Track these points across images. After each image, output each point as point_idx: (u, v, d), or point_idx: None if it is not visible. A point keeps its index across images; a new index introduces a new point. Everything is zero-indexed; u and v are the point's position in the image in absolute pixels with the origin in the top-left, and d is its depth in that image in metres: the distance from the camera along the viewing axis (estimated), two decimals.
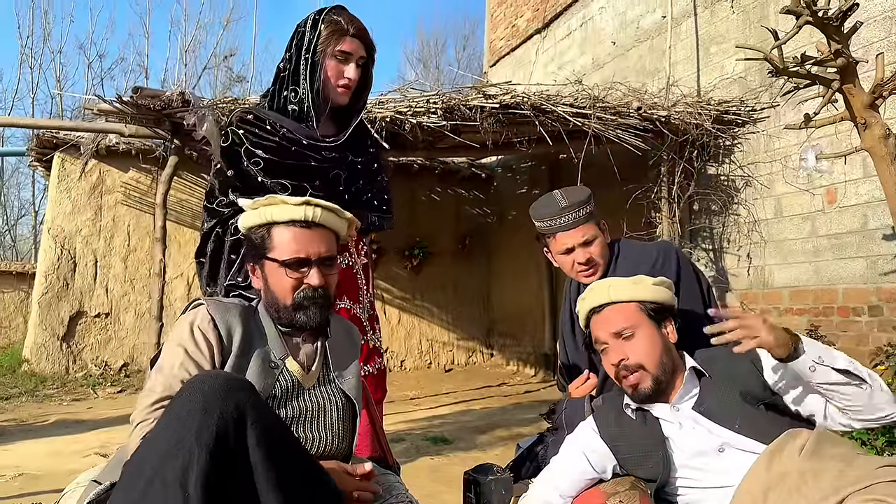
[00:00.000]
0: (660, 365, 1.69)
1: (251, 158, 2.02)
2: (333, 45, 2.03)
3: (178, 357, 1.42)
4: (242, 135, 2.03)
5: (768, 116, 5.16)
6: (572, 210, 2.08)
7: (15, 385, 7.11)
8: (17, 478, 3.82)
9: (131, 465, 1.14)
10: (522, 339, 8.84)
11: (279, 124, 2.05)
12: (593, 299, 1.80)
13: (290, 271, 1.54)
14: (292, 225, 1.54)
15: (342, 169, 2.14)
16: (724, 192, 5.55)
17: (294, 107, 2.06)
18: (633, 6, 6.96)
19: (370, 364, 2.16)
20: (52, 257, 7.66)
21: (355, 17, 2.09)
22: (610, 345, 1.73)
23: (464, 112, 4.90)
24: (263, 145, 2.03)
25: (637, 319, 1.73)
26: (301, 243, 1.54)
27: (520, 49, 9.23)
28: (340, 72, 2.05)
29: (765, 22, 5.15)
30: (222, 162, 2.05)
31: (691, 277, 2.09)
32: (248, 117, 2.06)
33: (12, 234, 21.64)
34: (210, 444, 1.09)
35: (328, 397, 1.59)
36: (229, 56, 20.20)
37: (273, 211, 1.55)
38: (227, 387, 1.18)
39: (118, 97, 4.65)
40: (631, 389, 1.69)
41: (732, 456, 1.55)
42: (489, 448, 4.55)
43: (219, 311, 1.50)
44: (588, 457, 1.69)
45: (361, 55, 2.07)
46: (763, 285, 5.23)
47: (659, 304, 1.77)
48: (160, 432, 1.13)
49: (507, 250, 9.22)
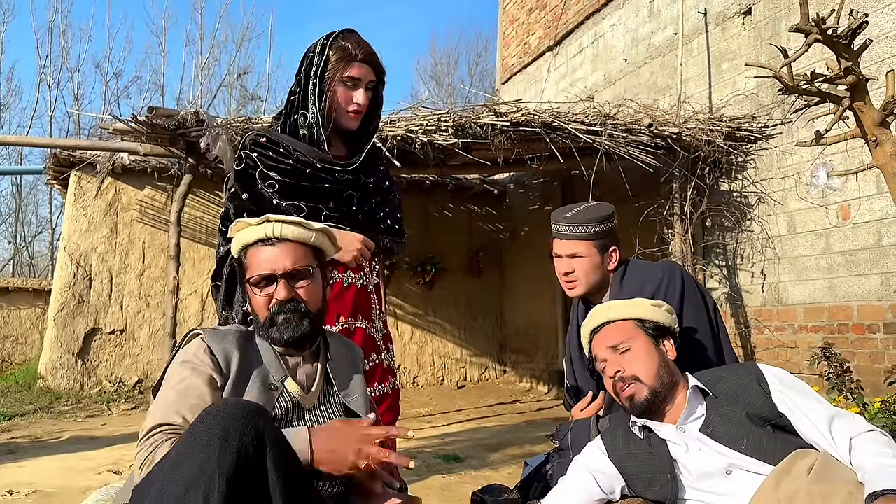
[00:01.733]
0: (657, 377, 1.71)
1: (266, 181, 2.04)
2: (342, 72, 2.04)
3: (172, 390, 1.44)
4: (256, 158, 2.05)
5: (781, 133, 5.15)
6: (575, 224, 2.13)
7: (30, 401, 7.16)
8: (31, 494, 3.84)
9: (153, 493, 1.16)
10: (535, 355, 8.82)
11: (292, 147, 2.07)
12: (593, 321, 1.85)
13: (257, 289, 1.58)
14: (259, 244, 1.59)
15: (355, 189, 2.15)
16: (737, 209, 5.53)
17: (304, 131, 2.08)
18: (644, 23, 6.98)
19: (384, 384, 2.15)
20: (67, 274, 7.74)
21: (364, 42, 2.10)
22: (608, 359, 1.77)
23: (475, 130, 4.93)
24: (278, 168, 2.04)
25: (633, 334, 1.77)
26: (267, 260, 1.58)
27: (532, 66, 9.28)
28: (350, 97, 2.06)
29: (777, 38, 5.16)
30: (237, 185, 2.06)
31: (696, 298, 2.10)
32: (261, 140, 2.07)
33: (30, 250, 21.90)
34: (230, 472, 1.11)
35: (329, 417, 1.60)
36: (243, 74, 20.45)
37: (242, 235, 1.60)
38: (245, 413, 1.20)
39: (134, 117, 4.72)
40: (628, 402, 1.72)
41: (740, 477, 1.55)
42: (501, 466, 4.52)
43: (215, 340, 1.53)
44: (596, 477, 1.69)
45: (371, 79, 2.08)
46: (777, 302, 5.19)
47: (657, 323, 1.81)
48: (181, 461, 1.15)
49: (519, 266, 9.22)
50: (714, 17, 5.97)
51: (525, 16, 9.50)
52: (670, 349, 1.79)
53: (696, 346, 1.88)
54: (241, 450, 1.13)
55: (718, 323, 2.12)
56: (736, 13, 5.70)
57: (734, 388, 1.69)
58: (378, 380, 2.10)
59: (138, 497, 1.20)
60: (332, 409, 1.62)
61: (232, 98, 20.00)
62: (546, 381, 8.45)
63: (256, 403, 1.28)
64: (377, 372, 2.11)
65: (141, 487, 1.22)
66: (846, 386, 3.63)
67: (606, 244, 2.16)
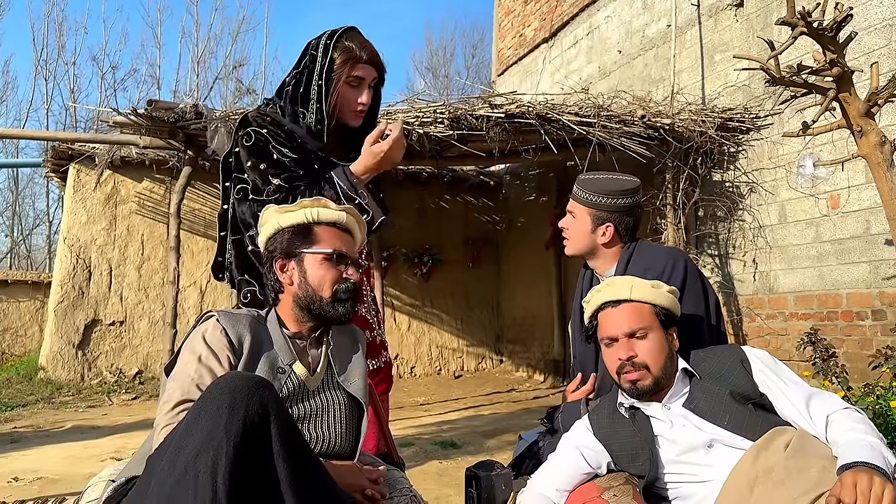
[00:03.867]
0: (663, 368, 1.76)
1: (280, 152, 2.09)
2: (347, 72, 2.10)
3: (192, 365, 1.51)
4: (266, 133, 2.09)
5: (772, 123, 5.22)
6: (581, 187, 2.24)
7: (31, 392, 7.23)
8: (36, 481, 3.92)
9: (163, 458, 1.23)
10: (532, 345, 8.90)
11: (295, 133, 2.13)
12: (612, 293, 1.84)
13: (333, 265, 1.66)
14: (332, 226, 1.70)
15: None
16: (729, 199, 5.61)
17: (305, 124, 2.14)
18: (638, 15, 7.04)
19: (377, 359, 2.23)
20: (67, 266, 7.80)
21: (367, 42, 2.15)
22: (621, 341, 1.79)
23: (470, 121, 4.99)
24: (288, 146, 2.11)
25: (651, 322, 1.79)
26: (343, 242, 1.71)
27: (527, 58, 9.32)
28: (355, 97, 2.13)
29: (768, 30, 5.22)
30: (252, 159, 2.08)
31: (697, 288, 2.13)
32: (267, 119, 2.12)
33: (27, 243, 21.91)
34: (237, 438, 1.18)
35: (332, 398, 1.67)
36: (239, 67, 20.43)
37: (319, 211, 1.70)
38: (251, 384, 1.27)
39: (133, 110, 4.77)
40: (629, 384, 1.75)
41: (720, 452, 1.62)
42: (497, 452, 4.61)
43: (229, 321, 1.59)
44: (583, 453, 1.76)
45: (374, 77, 2.15)
46: (768, 290, 5.28)
47: (669, 311, 1.84)
48: (191, 428, 1.21)
49: (515, 257, 9.30)
50: (707, 8, 6.03)
51: (521, 7, 9.54)
52: (675, 340, 1.84)
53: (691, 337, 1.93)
54: (247, 418, 1.20)
55: (718, 317, 2.15)
56: (728, 5, 5.76)
57: (718, 368, 1.77)
58: (371, 356, 2.17)
59: (151, 464, 1.27)
60: (335, 392, 1.69)
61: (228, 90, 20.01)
62: (542, 370, 8.54)
63: (261, 376, 1.35)
64: (372, 347, 2.18)
65: (153, 456, 1.29)
66: (831, 370, 3.71)
67: (603, 217, 2.20)
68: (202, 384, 1.45)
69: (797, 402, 1.65)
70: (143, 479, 1.29)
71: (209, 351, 1.53)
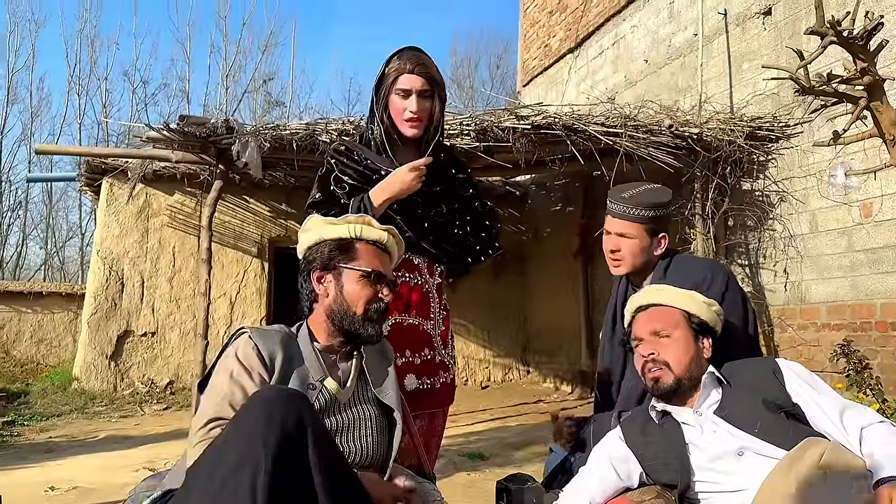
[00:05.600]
0: (686, 369, 1.78)
1: (338, 183, 2.25)
2: (395, 84, 2.21)
3: (224, 383, 1.54)
4: (333, 163, 2.27)
5: (802, 132, 5.17)
6: (629, 206, 2.18)
7: (66, 402, 7.36)
8: (72, 490, 3.99)
9: (203, 471, 1.26)
10: (559, 356, 8.86)
11: (363, 155, 2.27)
12: (644, 297, 1.89)
13: (370, 283, 1.69)
14: (374, 244, 1.74)
15: (418, 196, 2.27)
16: (759, 208, 5.55)
17: (373, 140, 2.29)
18: (664, 25, 7.02)
19: (434, 378, 2.25)
20: (100, 278, 7.95)
21: (418, 56, 2.25)
22: (645, 340, 1.83)
23: (496, 133, 5.01)
24: (349, 173, 2.26)
25: (677, 323, 1.82)
26: (381, 262, 1.74)
27: (553, 68, 9.34)
28: (404, 107, 2.22)
29: (797, 38, 5.17)
30: (315, 186, 2.31)
31: (736, 303, 2.11)
32: (340, 149, 2.31)
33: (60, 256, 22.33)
34: (275, 452, 1.20)
35: (363, 411, 1.69)
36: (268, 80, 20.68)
37: (363, 228, 1.73)
38: (286, 398, 1.30)
39: (166, 125, 4.87)
40: (652, 382, 1.79)
41: (751, 460, 1.62)
42: (525, 464, 4.60)
43: (261, 338, 1.62)
44: (614, 465, 1.76)
45: (423, 89, 2.22)
46: (800, 301, 5.21)
47: (703, 320, 1.85)
48: (229, 443, 1.25)
49: (542, 267, 9.27)
50: (734, 17, 6.00)
51: (546, 18, 9.56)
52: (707, 347, 1.84)
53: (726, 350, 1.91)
54: (284, 431, 1.23)
55: (755, 333, 2.13)
56: (756, 13, 5.72)
57: (751, 378, 1.76)
58: (428, 374, 2.22)
59: (190, 479, 1.30)
60: (366, 405, 1.70)
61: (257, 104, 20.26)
62: (570, 381, 8.49)
63: (296, 389, 1.38)
64: (429, 366, 2.23)
65: (192, 470, 1.32)
66: (866, 382, 3.65)
67: (656, 230, 2.20)
68: (234, 402, 1.48)
69: (831, 414, 1.64)
70: (182, 493, 1.32)
71: (241, 368, 1.56)
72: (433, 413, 2.27)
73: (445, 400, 2.33)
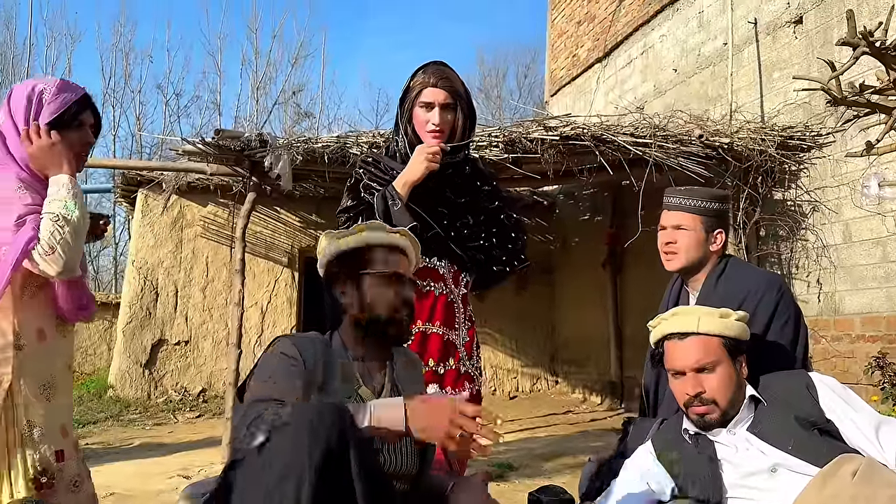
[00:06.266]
0: (731, 401, 1.76)
1: (367, 191, 2.32)
2: (419, 97, 2.27)
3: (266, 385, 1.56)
4: (362, 173, 2.36)
5: (834, 141, 5.11)
6: (686, 196, 2.15)
7: (101, 410, 7.50)
8: (109, 497, 4.06)
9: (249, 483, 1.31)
10: (587, 366, 8.81)
11: (389, 166, 2.33)
12: (679, 324, 1.82)
13: (389, 286, 1.72)
14: (388, 248, 1.76)
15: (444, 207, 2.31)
16: (791, 218, 5.49)
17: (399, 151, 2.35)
18: (693, 34, 6.99)
19: (458, 388, 2.26)
20: (135, 288, 8.10)
21: (442, 69, 2.31)
22: (689, 376, 1.77)
23: (525, 144, 5.02)
24: (376, 181, 2.32)
25: (719, 355, 1.78)
26: (398, 263, 1.77)
27: (581, 78, 9.34)
28: (426, 119, 2.28)
29: (828, 46, 5.13)
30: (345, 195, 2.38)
31: (789, 322, 2.06)
32: (368, 160, 2.40)
33: (94, 265, 22.74)
34: (318, 464, 1.24)
35: None
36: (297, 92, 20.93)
37: (374, 235, 1.76)
38: (330, 412, 1.33)
39: (201, 139, 4.97)
40: (697, 417, 1.76)
41: (784, 477, 1.61)
42: (555, 475, 4.59)
43: (302, 344, 1.66)
44: (646, 478, 1.77)
45: (446, 102, 2.27)
46: (834, 312, 5.14)
47: (738, 340, 1.82)
48: (274, 455, 1.29)
49: (570, 277, 9.25)
50: (764, 26, 5.96)
51: (573, 28, 9.57)
52: (744, 369, 1.82)
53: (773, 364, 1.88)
54: (327, 445, 1.26)
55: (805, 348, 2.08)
56: (787, 22, 5.68)
57: (784, 393, 1.75)
58: (451, 384, 2.24)
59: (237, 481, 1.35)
60: None
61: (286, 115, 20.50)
62: (599, 391, 8.44)
63: (338, 403, 1.41)
64: (451, 376, 2.25)
65: (234, 479, 1.36)
66: None
67: (714, 224, 2.15)
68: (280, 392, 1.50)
69: (866, 429, 1.63)
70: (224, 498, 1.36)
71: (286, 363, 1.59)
72: None
73: None
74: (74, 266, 1.86)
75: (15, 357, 1.77)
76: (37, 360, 1.82)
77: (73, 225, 1.82)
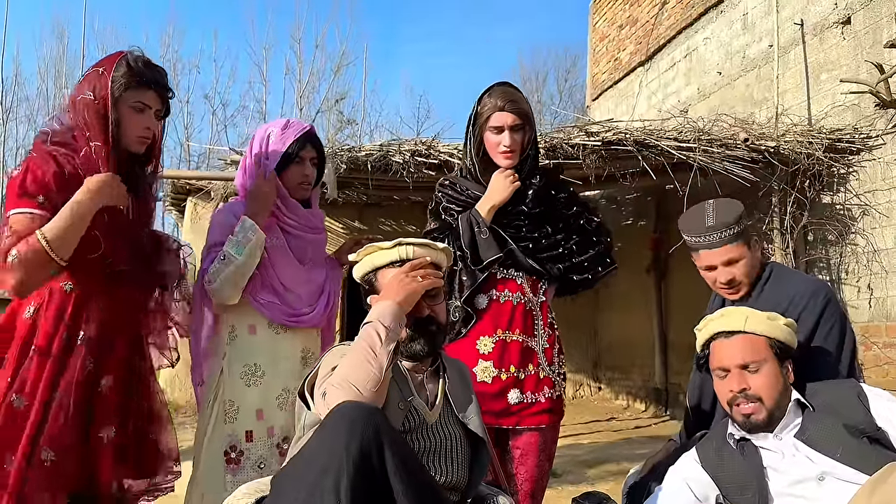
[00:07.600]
0: (776, 401, 1.74)
1: (447, 212, 2.44)
2: (489, 122, 2.33)
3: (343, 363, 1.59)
4: (440, 195, 2.47)
5: (884, 143, 4.99)
6: (718, 230, 2.08)
7: None
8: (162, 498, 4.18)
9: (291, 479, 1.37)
10: (631, 372, 8.73)
11: (464, 186, 2.43)
12: (727, 323, 1.82)
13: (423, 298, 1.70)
14: (391, 266, 1.73)
15: (521, 219, 2.37)
16: (840, 222, 5.38)
17: (472, 172, 2.43)
18: (738, 36, 6.90)
19: (537, 392, 2.32)
20: None
21: (510, 91, 2.37)
22: (734, 374, 1.77)
23: (566, 150, 5.02)
24: (454, 202, 2.43)
25: (766, 354, 1.77)
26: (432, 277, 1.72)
27: (622, 82, 9.28)
28: (498, 142, 2.34)
29: (877, 47, 5.02)
30: (429, 218, 2.52)
31: (834, 329, 2.03)
32: (445, 182, 2.50)
33: None
34: (356, 457, 1.30)
35: (451, 433, 1.72)
36: (340, 100, 21.17)
37: (373, 258, 1.76)
38: (365, 411, 1.38)
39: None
40: (743, 417, 1.74)
41: (832, 485, 1.59)
42: (599, 482, 4.57)
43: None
44: (691, 486, 1.76)
45: (514, 123, 2.33)
46: (885, 317, 5.02)
47: (786, 344, 1.81)
48: (315, 452, 1.36)
49: (613, 281, 9.11)
50: (811, 27, 5.86)
51: (615, 32, 9.52)
52: (790, 373, 1.81)
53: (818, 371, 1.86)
54: (364, 439, 1.32)
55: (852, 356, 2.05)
56: (834, 23, 5.58)
57: (833, 401, 1.74)
58: (532, 389, 2.30)
59: (279, 486, 1.42)
60: (452, 427, 1.73)
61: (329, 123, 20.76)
62: (643, 398, 8.36)
63: (372, 405, 1.45)
64: (532, 381, 2.30)
65: (281, 475, 1.44)
66: None
67: (752, 238, 2.14)
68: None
69: None
70: (272, 500, 1.43)
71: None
72: (541, 430, 2.33)
73: (551, 415, 2.37)
74: (227, 298, 2.27)
75: (228, 346, 2.31)
76: (244, 350, 2.30)
77: (235, 265, 2.24)
